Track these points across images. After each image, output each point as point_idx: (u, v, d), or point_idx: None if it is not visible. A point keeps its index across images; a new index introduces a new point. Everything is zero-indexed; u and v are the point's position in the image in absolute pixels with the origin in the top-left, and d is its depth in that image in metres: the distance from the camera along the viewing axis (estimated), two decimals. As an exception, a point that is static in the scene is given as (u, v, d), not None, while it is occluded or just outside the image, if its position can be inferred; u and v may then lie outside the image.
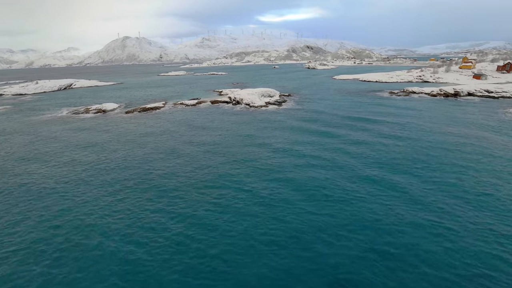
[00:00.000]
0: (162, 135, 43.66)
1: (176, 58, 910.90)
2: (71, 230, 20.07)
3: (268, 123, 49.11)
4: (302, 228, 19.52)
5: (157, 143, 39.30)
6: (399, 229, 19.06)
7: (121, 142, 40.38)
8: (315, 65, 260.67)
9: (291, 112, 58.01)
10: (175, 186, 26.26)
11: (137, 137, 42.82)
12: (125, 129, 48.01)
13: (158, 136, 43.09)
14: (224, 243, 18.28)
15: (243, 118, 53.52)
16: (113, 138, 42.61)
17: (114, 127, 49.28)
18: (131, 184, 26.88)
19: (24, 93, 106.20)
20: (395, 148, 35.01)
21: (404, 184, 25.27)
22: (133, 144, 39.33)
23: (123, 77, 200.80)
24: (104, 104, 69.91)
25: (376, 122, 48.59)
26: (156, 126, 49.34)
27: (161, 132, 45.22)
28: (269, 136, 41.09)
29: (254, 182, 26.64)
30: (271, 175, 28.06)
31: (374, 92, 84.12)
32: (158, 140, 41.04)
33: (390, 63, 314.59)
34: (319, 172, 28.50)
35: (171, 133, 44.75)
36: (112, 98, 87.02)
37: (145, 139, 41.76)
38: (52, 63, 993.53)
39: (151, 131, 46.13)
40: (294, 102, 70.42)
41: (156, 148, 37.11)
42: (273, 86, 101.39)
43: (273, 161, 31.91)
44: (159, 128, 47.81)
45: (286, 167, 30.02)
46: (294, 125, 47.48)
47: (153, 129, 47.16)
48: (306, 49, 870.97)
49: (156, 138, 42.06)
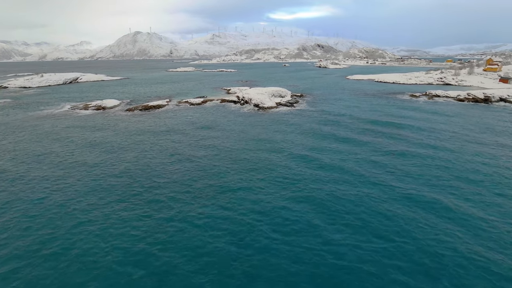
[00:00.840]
0: (160, 137, 39.22)
1: (186, 54, 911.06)
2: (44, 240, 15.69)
3: (280, 126, 44.11)
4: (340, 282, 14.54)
5: (153, 147, 34.87)
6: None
7: (115, 143, 36.12)
8: (327, 64, 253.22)
9: (304, 115, 52.82)
10: (166, 205, 21.66)
11: (133, 137, 38.53)
12: (122, 128, 43.81)
13: (156, 138, 38.67)
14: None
15: (252, 121, 48.66)
16: (106, 139, 38.40)
17: (111, 127, 45.16)
18: (113, 197, 22.44)
19: (28, 86, 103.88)
20: (433, 160, 29.61)
21: (459, 210, 19.99)
22: (127, 146, 35.01)
23: (131, 72, 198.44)
24: (105, 101, 66.13)
25: (402, 127, 43.02)
26: (156, 127, 44.97)
27: (160, 134, 40.80)
28: (282, 142, 36.12)
29: (269, 201, 21.81)
30: (289, 192, 23.21)
31: (394, 94, 77.93)
32: (155, 143, 36.61)
33: (405, 64, 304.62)
34: (346, 189, 23.51)
35: (170, 135, 40.26)
36: (115, 94, 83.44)
37: (141, 141, 37.39)
38: (65, 57, 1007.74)
39: (150, 132, 41.78)
40: (307, 103, 65.12)
41: (151, 153, 32.67)
42: (284, 86, 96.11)
43: (289, 172, 27.03)
44: (158, 129, 43.42)
45: (305, 181, 25.15)
46: (309, 129, 42.35)
47: (152, 130, 42.81)
48: (317, 48, 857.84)
49: (154, 140, 37.64)
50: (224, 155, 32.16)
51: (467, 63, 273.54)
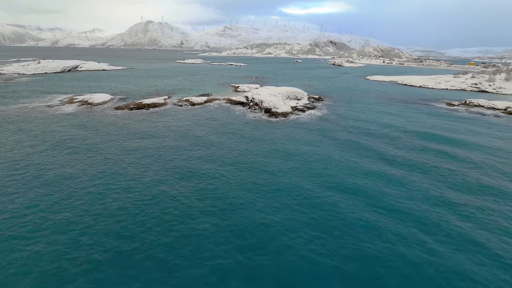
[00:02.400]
0: (138, 155, 30.51)
1: (196, 46, 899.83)
2: None
3: (300, 142, 34.88)
4: None
5: (130, 163, 26.22)
6: None
7: (86, 152, 27.61)
8: (342, 62, 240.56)
9: (329, 125, 43.30)
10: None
11: (104, 152, 29.94)
12: (102, 133, 35.29)
13: (138, 149, 29.99)
14: None
15: (262, 132, 39.49)
16: (75, 144, 29.92)
17: (87, 128, 36.67)
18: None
19: (23, 73, 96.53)
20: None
21: None
22: (88, 170, 26.45)
23: (136, 62, 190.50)
24: (95, 95, 57.75)
25: (458, 144, 33.20)
26: (140, 136, 36.26)
27: (144, 144, 32.08)
28: (304, 168, 26.98)
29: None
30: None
31: (427, 102, 67.40)
32: (135, 156, 27.93)
33: (423, 65, 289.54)
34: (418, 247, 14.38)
35: (151, 152, 31.48)
36: (110, 87, 75.12)
37: (115, 160, 28.73)
38: (77, 43, 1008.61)
39: (134, 140, 33.16)
40: (329, 109, 55.45)
41: (126, 171, 24.05)
42: (298, 85, 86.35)
43: (347, 228, 17.98)
44: (140, 142, 34.72)
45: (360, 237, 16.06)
46: (342, 146, 33.02)
47: (137, 138, 34.16)
48: (329, 44, 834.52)
49: (134, 153, 28.98)
50: (225, 193, 23.20)
51: (492, 66, 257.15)
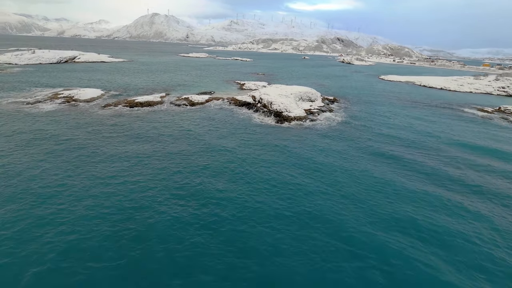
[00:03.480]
0: (126, 163, 24.20)
1: (202, 39, 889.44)
2: None
3: (320, 152, 28.29)
4: None
5: (105, 184, 19.96)
6: None
7: (46, 163, 21.42)
8: (351, 59, 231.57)
9: (353, 133, 36.49)
10: None
11: (75, 161, 23.69)
12: (76, 140, 29.02)
13: (120, 165, 23.70)
14: None
15: (274, 139, 32.90)
16: (36, 151, 23.70)
17: (62, 132, 30.43)
18: None
19: (15, 63, 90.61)
20: None
21: None
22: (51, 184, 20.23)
23: (139, 54, 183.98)
24: (84, 90, 51.48)
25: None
26: (128, 141, 29.90)
27: (120, 159, 25.73)
28: (338, 193, 20.42)
29: None
30: None
31: (455, 106, 60.12)
32: (108, 188, 21.64)
33: (436, 65, 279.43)
34: None
35: (146, 159, 25.16)
36: (104, 80, 68.83)
37: (87, 178, 22.47)
38: (82, 34, 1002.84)
39: (115, 150, 26.85)
40: (347, 113, 48.54)
41: (97, 197, 17.79)
42: (309, 84, 79.51)
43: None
44: (130, 146, 28.37)
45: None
46: (372, 161, 26.35)
47: (120, 148, 27.83)
48: (336, 41, 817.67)
49: (111, 171, 22.68)
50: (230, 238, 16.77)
51: (508, 68, 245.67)
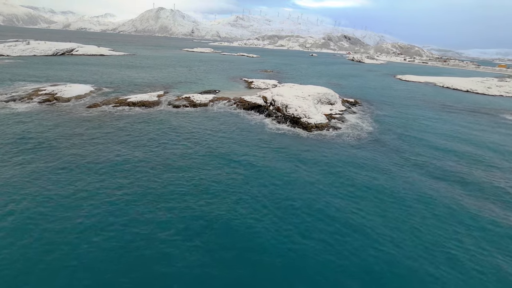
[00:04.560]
0: (106, 184, 17.73)
1: (207, 35, 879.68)
2: None
3: (359, 168, 21.58)
4: None
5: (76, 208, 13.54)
6: None
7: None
8: (362, 58, 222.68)
9: (389, 143, 29.54)
10: None
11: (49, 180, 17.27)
12: (43, 151, 22.60)
13: (99, 184, 17.25)
14: None
15: (297, 153, 26.14)
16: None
17: (28, 140, 24.05)
18: None
19: (7, 54, 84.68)
20: None
21: None
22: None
23: (141, 48, 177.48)
24: (71, 86, 45.04)
25: None
26: (111, 153, 23.42)
27: (108, 172, 19.26)
28: (397, 228, 13.80)
29: None
30: None
31: (493, 112, 52.62)
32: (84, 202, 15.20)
33: (449, 65, 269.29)
34: None
35: (130, 179, 18.67)
36: (98, 75, 62.41)
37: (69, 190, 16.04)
38: (88, 27, 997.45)
39: (93, 166, 20.40)
40: (375, 118, 41.47)
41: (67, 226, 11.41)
42: (323, 83, 72.48)
43: None
44: (110, 160, 21.91)
45: None
46: (425, 180, 19.56)
47: (98, 163, 21.37)
48: (343, 39, 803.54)
49: (87, 191, 16.24)
50: None
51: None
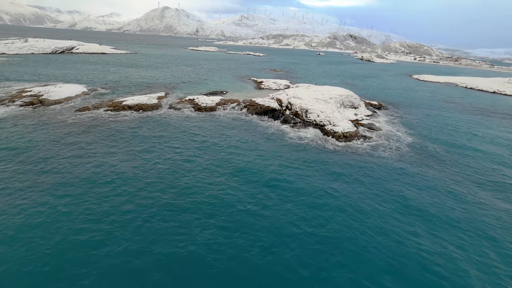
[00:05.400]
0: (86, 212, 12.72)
1: (212, 34, 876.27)
2: None
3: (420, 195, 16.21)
4: None
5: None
6: None
7: None
8: (371, 57, 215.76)
9: (445, 162, 24.10)
10: None
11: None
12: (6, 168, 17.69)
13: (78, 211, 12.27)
14: None
15: (334, 172, 20.81)
16: None
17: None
18: None
19: (3, 52, 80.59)
20: None
21: None
22: None
23: (145, 47, 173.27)
24: (60, 87, 40.19)
25: None
26: (94, 170, 18.38)
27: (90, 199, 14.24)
28: None
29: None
30: None
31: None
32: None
33: (461, 65, 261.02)
34: None
35: (119, 209, 13.63)
36: (94, 75, 57.68)
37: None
38: (93, 27, 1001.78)
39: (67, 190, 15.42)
40: (408, 126, 35.77)
41: None
42: (337, 84, 66.95)
43: None
44: (94, 183, 16.87)
45: None
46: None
47: (76, 184, 16.37)
48: (349, 38, 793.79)
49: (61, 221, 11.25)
50: None
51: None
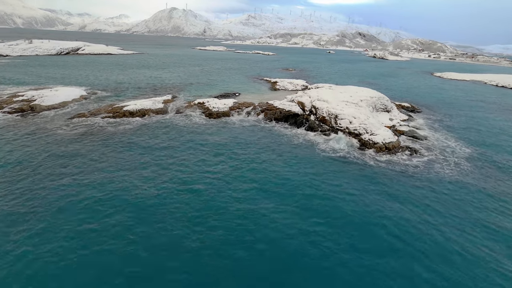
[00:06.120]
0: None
1: (219, 34, 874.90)
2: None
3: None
4: None
5: None
6: None
7: None
8: (385, 54, 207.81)
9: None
10: None
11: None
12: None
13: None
14: None
15: (382, 210, 15.98)
16: None
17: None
18: None
19: (6, 54, 78.18)
20: None
21: None
22: None
23: (152, 47, 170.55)
24: (57, 91, 36.33)
25: None
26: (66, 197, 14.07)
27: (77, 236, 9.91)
28: None
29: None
30: None
31: None
32: None
33: (479, 61, 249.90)
34: None
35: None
36: (96, 76, 53.98)
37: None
38: (103, 28, 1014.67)
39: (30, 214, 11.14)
40: (456, 134, 30.45)
41: None
42: (357, 83, 61.54)
43: None
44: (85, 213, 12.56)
45: None
46: None
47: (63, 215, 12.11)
48: (358, 36, 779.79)
49: None
50: None
51: None
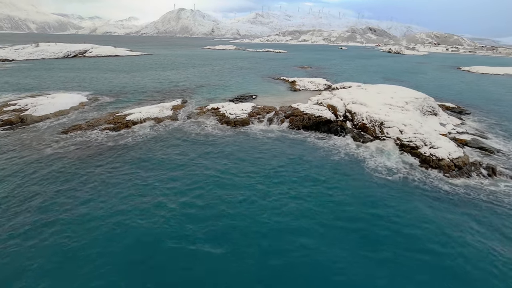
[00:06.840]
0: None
1: (227, 33, 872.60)
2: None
3: None
4: None
5: None
6: None
7: None
8: (401, 49, 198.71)
9: None
10: None
11: None
12: None
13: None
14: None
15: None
16: None
17: None
18: None
19: (12, 58, 76.15)
20: None
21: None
22: None
23: (161, 48, 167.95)
24: (53, 98, 32.61)
25: None
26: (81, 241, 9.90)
27: None
28: None
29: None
30: None
31: None
32: None
33: (501, 53, 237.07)
34: None
35: None
36: (100, 80, 50.38)
37: None
38: (113, 31, 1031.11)
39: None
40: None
41: None
42: (379, 80, 55.95)
43: None
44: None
45: None
46: None
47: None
48: (369, 31, 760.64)
49: None
50: None
51: None
